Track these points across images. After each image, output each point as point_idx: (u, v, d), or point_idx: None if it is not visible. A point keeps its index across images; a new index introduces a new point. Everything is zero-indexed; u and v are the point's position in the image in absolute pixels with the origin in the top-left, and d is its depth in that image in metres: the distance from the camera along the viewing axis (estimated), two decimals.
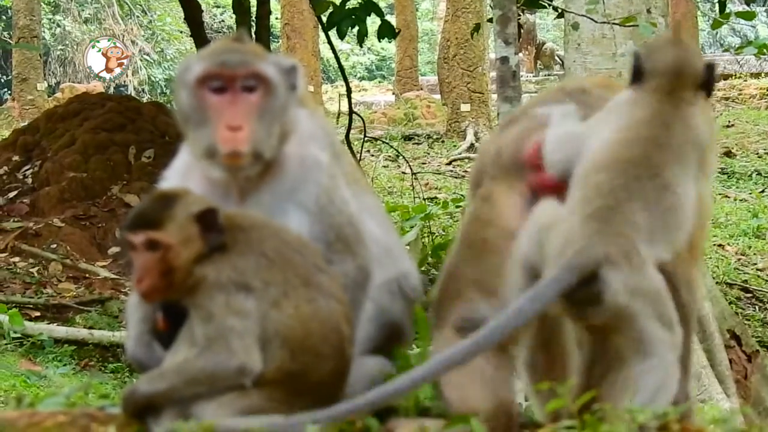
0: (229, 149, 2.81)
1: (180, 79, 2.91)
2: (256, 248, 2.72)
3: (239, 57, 2.87)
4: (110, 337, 10.74)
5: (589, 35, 10.71)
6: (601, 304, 2.78)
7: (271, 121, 2.86)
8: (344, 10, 10.19)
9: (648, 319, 2.79)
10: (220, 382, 2.62)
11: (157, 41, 33.23)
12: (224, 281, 2.67)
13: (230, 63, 2.86)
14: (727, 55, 28.80)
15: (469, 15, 21.42)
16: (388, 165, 19.73)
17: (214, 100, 2.85)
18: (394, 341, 3.09)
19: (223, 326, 2.63)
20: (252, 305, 2.66)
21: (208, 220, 2.70)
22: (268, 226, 2.79)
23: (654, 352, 2.79)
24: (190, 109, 2.88)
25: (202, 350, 2.64)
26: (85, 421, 2.70)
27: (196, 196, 2.76)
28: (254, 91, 2.86)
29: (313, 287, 2.71)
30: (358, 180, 3.12)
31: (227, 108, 2.84)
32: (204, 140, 2.85)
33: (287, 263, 2.72)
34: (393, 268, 3.10)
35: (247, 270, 2.69)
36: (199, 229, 2.70)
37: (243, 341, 2.63)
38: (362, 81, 37.64)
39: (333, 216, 2.91)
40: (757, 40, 8.90)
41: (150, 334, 2.87)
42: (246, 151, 2.82)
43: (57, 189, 13.68)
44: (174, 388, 2.63)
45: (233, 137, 2.82)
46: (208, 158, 2.86)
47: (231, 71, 2.85)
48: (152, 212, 2.70)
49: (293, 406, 2.67)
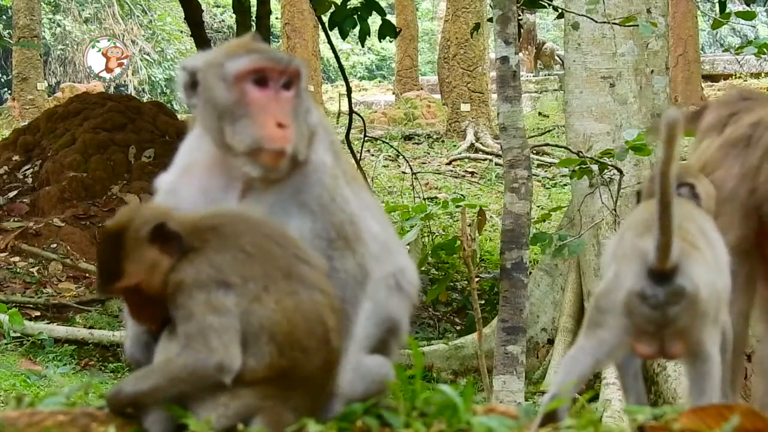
0: (277, 147, 2.80)
1: (214, 74, 2.86)
2: (232, 244, 2.71)
3: (282, 54, 2.88)
4: (110, 337, 10.75)
5: (589, 35, 10.72)
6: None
7: (302, 122, 2.87)
8: (346, 10, 10.20)
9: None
10: (201, 381, 2.63)
11: (157, 41, 33.25)
12: (204, 279, 2.67)
13: (280, 59, 2.86)
14: (727, 55, 28.79)
15: (469, 15, 21.43)
16: (388, 165, 19.73)
17: (258, 95, 2.84)
18: (392, 337, 3.08)
19: (203, 324, 2.64)
20: (232, 301, 2.66)
21: (163, 234, 2.70)
22: (244, 220, 2.78)
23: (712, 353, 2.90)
24: (230, 104, 2.85)
25: (182, 349, 2.64)
26: (85, 421, 2.70)
27: (142, 215, 2.74)
28: (290, 90, 2.87)
29: (294, 279, 2.71)
30: (356, 178, 3.12)
31: (273, 105, 2.83)
32: (249, 135, 2.82)
33: (266, 256, 2.71)
34: (390, 264, 3.10)
35: (225, 266, 2.68)
36: (158, 246, 2.70)
37: (221, 338, 2.63)
38: (362, 81, 37.65)
39: (334, 214, 2.91)
40: (757, 40, 8.89)
41: (148, 334, 2.87)
42: (290, 150, 2.82)
43: (57, 189, 13.69)
44: (158, 387, 2.64)
45: (282, 135, 2.80)
46: (251, 155, 2.83)
47: (282, 66, 2.84)
48: (108, 264, 2.71)
49: (287, 402, 2.67)
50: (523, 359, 6.21)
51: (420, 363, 2.89)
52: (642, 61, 10.80)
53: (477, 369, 9.28)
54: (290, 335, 2.66)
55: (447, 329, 12.33)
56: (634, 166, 10.46)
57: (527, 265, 6.31)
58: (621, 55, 10.71)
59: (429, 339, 11.77)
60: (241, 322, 2.65)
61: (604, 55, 10.72)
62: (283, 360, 2.66)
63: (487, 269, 13.20)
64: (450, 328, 12.40)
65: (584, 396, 2.85)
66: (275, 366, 2.65)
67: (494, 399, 6.05)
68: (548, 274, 11.24)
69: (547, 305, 11.20)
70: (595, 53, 10.73)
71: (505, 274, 6.21)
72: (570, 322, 10.82)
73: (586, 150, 9.80)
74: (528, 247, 6.35)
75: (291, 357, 2.66)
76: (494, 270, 12.38)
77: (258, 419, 2.65)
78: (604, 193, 10.03)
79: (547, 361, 10.77)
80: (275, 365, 2.65)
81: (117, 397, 2.68)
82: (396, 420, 2.74)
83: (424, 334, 11.95)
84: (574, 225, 10.72)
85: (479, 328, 6.76)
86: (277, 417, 2.66)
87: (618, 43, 10.69)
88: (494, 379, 6.18)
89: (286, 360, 2.66)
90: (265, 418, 2.65)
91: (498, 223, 10.80)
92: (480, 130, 21.38)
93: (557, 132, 21.45)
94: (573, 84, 10.80)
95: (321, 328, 2.71)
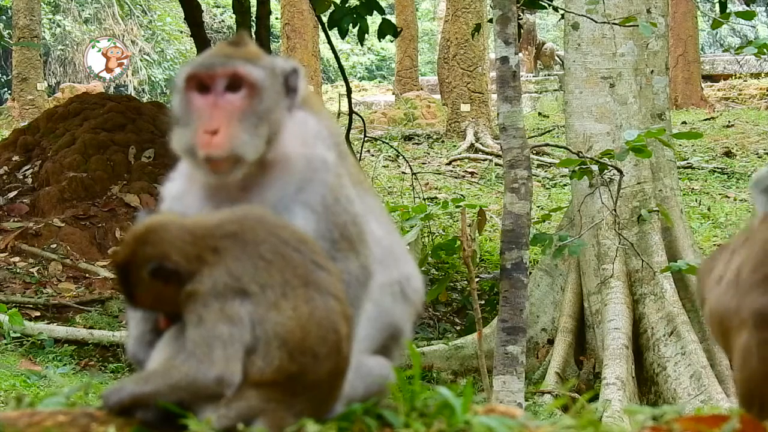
0: (204, 153, 2.82)
1: (175, 83, 2.94)
2: (251, 251, 2.71)
3: (222, 59, 2.89)
4: (110, 337, 10.75)
5: (589, 35, 10.72)
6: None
7: (255, 123, 2.85)
8: (345, 9, 10.19)
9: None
10: (200, 391, 2.63)
11: (157, 41, 33.25)
12: (221, 289, 2.66)
13: (211, 64, 2.88)
14: (727, 55, 28.79)
15: (469, 15, 21.44)
16: (388, 165, 19.74)
17: (196, 101, 2.87)
18: (394, 343, 3.09)
19: (212, 333, 2.63)
20: (246, 311, 2.65)
21: (164, 273, 2.71)
22: (263, 225, 2.78)
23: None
24: (178, 110, 2.91)
25: (187, 356, 2.64)
26: (85, 421, 2.70)
27: (143, 250, 2.73)
28: (237, 93, 2.87)
29: (311, 286, 2.71)
30: (361, 181, 3.12)
31: (207, 110, 2.85)
32: (183, 143, 2.87)
33: (286, 263, 2.71)
34: (395, 271, 3.10)
35: (244, 274, 2.68)
36: (161, 282, 2.71)
37: (226, 351, 2.62)
38: (362, 81, 37.65)
39: (338, 215, 2.91)
40: (757, 40, 8.88)
41: (151, 333, 2.87)
42: (222, 155, 2.81)
43: (57, 189, 13.68)
44: (158, 392, 2.64)
45: (209, 141, 2.82)
46: (189, 159, 2.87)
47: (211, 72, 2.86)
48: (123, 290, 2.76)
49: (291, 407, 2.67)
50: (523, 359, 6.21)
51: (418, 363, 2.89)
52: (642, 61, 10.80)
53: (477, 369, 9.28)
54: (302, 342, 2.66)
55: (447, 329, 12.33)
56: (634, 166, 10.46)
57: (527, 266, 6.31)
58: (621, 55, 10.72)
59: (429, 339, 11.77)
60: (253, 329, 2.65)
61: (604, 55, 10.72)
62: (293, 365, 2.65)
63: (487, 269, 13.20)
64: (450, 328, 12.40)
65: (584, 396, 2.85)
66: (284, 370, 2.65)
67: (494, 399, 6.05)
68: (548, 274, 11.24)
69: (547, 305, 11.20)
70: (595, 53, 10.73)
71: (505, 274, 6.21)
72: (570, 322, 10.82)
73: (586, 150, 9.80)
74: (528, 248, 6.35)
75: (301, 362, 2.66)
76: (494, 270, 12.37)
77: (260, 421, 2.65)
78: (604, 193, 10.04)
79: (547, 361, 10.77)
80: (284, 369, 2.65)
81: (116, 396, 2.68)
82: (396, 420, 2.74)
83: (424, 334, 11.95)
84: (574, 225, 10.72)
85: (479, 328, 6.75)
86: (280, 421, 2.66)
87: (618, 43, 10.70)
88: (494, 379, 6.18)
89: (296, 365, 2.65)
90: (267, 420, 2.65)
91: (498, 223, 10.79)
92: (480, 130, 21.38)
93: (557, 132, 21.46)
94: (573, 84, 10.81)
95: (333, 335, 2.70)
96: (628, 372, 9.85)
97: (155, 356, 2.76)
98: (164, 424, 2.67)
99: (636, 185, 10.64)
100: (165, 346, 2.74)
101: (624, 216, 10.54)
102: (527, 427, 2.71)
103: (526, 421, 2.73)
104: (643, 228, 10.56)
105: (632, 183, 10.55)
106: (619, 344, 10.01)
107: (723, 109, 25.50)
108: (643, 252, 10.38)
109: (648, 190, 10.69)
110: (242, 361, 2.64)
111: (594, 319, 10.67)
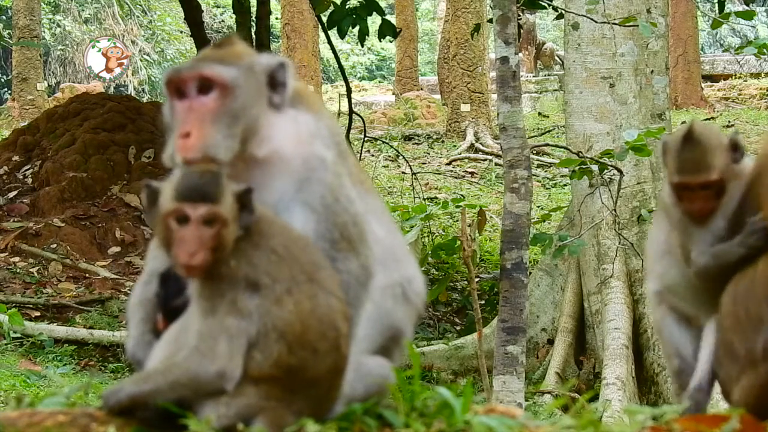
0: (180, 158, 2.82)
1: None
2: (265, 244, 2.72)
3: (192, 63, 2.90)
4: (110, 337, 10.75)
5: (589, 35, 10.72)
6: None
7: (228, 123, 2.85)
8: (345, 9, 10.19)
9: None
10: (202, 386, 2.62)
11: (157, 41, 33.22)
12: (239, 276, 2.67)
13: (179, 69, 2.89)
14: (727, 55, 28.78)
15: (469, 15, 21.42)
16: (388, 165, 19.74)
17: (176, 106, 2.88)
18: (394, 345, 3.09)
19: (220, 325, 2.64)
20: (255, 304, 2.66)
21: (246, 200, 2.70)
22: (272, 222, 2.80)
23: None
24: (167, 118, 2.94)
25: (190, 351, 2.64)
26: (85, 421, 2.70)
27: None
28: (209, 95, 2.86)
29: (315, 284, 2.72)
30: (363, 181, 3.11)
31: (183, 115, 2.86)
32: (169, 149, 2.87)
33: (294, 259, 2.72)
34: (397, 272, 3.10)
35: (260, 265, 2.69)
36: (237, 208, 2.70)
37: (230, 345, 2.63)
38: (362, 81, 37.63)
39: (338, 214, 2.91)
40: (757, 40, 8.89)
41: (151, 334, 2.88)
42: (196, 156, 2.81)
43: (57, 189, 13.68)
44: (158, 390, 2.64)
45: (183, 145, 2.82)
46: (173, 166, 2.87)
47: (180, 76, 2.87)
48: (209, 186, 2.68)
49: (290, 405, 2.67)
50: (523, 359, 6.21)
51: (418, 363, 2.89)
52: (642, 61, 10.80)
53: (477, 369, 9.28)
54: (302, 336, 2.66)
55: (447, 329, 12.33)
56: (634, 166, 10.46)
57: (527, 266, 6.31)
58: (621, 55, 10.72)
59: (429, 339, 11.77)
60: (258, 323, 2.66)
61: (604, 55, 10.72)
62: (292, 358, 2.66)
63: (487, 269, 13.20)
64: (450, 328, 12.40)
65: (584, 396, 2.85)
66: (283, 363, 2.65)
67: (494, 399, 6.05)
68: (548, 274, 11.24)
69: (547, 305, 11.20)
70: (595, 53, 10.73)
71: (505, 274, 6.21)
72: (570, 322, 10.82)
73: (586, 150, 9.80)
74: (528, 248, 6.35)
75: (300, 356, 2.66)
76: (494, 270, 12.37)
77: (259, 420, 2.65)
78: (604, 193, 10.04)
79: (547, 361, 10.77)
80: (283, 362, 2.65)
81: (116, 396, 2.68)
82: (396, 420, 2.74)
83: (424, 334, 11.95)
84: (574, 225, 10.72)
85: (479, 328, 6.75)
86: (279, 419, 2.66)
87: (618, 44, 10.69)
88: (494, 379, 6.17)
89: (295, 359, 2.66)
90: (266, 419, 2.65)
91: (498, 223, 10.80)
92: (480, 130, 21.37)
93: (557, 132, 21.45)
94: (573, 84, 10.81)
95: (333, 333, 2.71)
96: (628, 372, 9.85)
97: (154, 356, 2.76)
98: (164, 423, 2.67)
99: (636, 185, 10.64)
100: (164, 346, 2.74)
101: (624, 216, 10.54)
102: (527, 427, 2.71)
103: (526, 421, 2.73)
104: (643, 228, 10.55)
105: (632, 183, 10.55)
106: (619, 344, 10.01)
107: (723, 109, 25.49)
108: (643, 252, 10.38)
109: (648, 190, 10.69)
110: (244, 356, 2.65)
111: (594, 319, 10.67)
